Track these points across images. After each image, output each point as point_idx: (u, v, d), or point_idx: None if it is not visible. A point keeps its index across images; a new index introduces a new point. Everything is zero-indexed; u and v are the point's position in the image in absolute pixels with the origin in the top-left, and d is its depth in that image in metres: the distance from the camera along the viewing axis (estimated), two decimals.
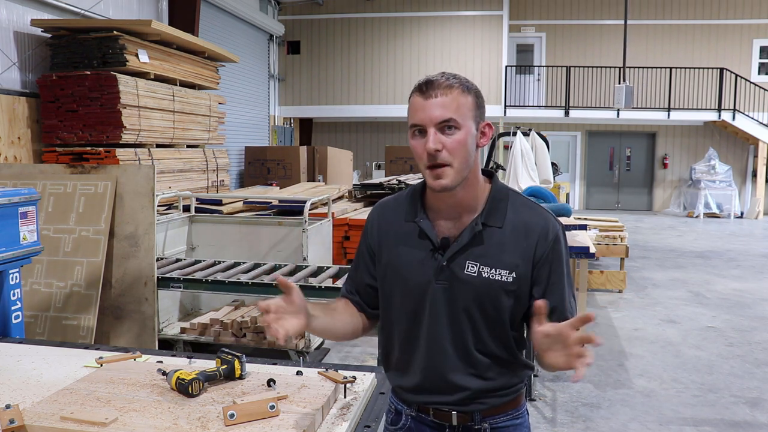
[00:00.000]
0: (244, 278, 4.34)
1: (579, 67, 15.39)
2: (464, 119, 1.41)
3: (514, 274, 1.45)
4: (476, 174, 1.49)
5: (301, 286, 4.14)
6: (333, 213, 5.74)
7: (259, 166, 11.49)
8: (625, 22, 12.00)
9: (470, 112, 1.42)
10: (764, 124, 14.92)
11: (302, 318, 1.38)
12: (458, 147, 1.40)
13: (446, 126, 1.39)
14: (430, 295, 1.49)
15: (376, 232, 1.61)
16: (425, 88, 1.41)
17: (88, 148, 6.15)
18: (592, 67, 15.36)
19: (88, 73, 6.16)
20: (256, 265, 4.71)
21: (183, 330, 4.74)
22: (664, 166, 16.79)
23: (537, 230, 1.47)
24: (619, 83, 12.35)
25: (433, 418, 1.57)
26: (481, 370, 1.51)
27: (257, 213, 5.72)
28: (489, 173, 1.56)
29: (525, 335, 1.61)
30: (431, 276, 1.49)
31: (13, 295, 2.51)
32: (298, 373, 1.73)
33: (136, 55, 6.49)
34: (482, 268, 1.45)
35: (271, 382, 1.59)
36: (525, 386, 1.64)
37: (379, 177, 11.79)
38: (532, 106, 15.87)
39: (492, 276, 1.45)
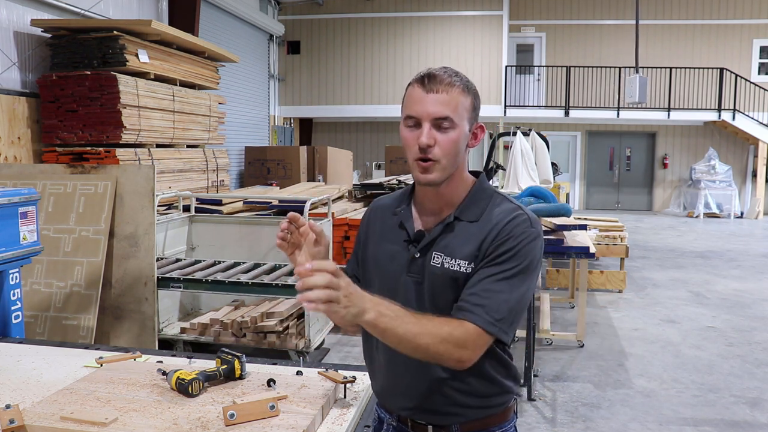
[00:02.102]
0: (244, 278, 4.34)
1: (579, 67, 15.39)
2: (460, 119, 1.41)
3: (472, 264, 1.41)
4: (461, 172, 1.49)
5: None
6: (333, 213, 5.73)
7: (259, 166, 11.49)
8: (637, 21, 11.91)
9: (467, 113, 1.42)
10: (764, 124, 14.92)
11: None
12: (450, 146, 1.40)
13: (442, 123, 1.39)
14: (402, 287, 1.47)
15: (366, 224, 1.63)
16: (427, 80, 1.40)
17: (88, 148, 6.15)
18: (592, 67, 15.36)
19: (88, 73, 6.15)
20: (256, 265, 4.71)
21: (183, 330, 4.74)
22: (664, 166, 16.79)
23: (500, 220, 1.42)
24: (631, 75, 11.56)
25: (412, 430, 1.53)
26: (453, 374, 1.44)
27: (257, 213, 5.72)
28: (478, 174, 1.55)
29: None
30: (403, 268, 1.48)
31: (13, 295, 2.51)
32: (298, 373, 1.73)
33: (136, 55, 6.49)
34: (444, 259, 1.43)
35: (271, 382, 1.59)
36: (513, 402, 1.56)
37: (379, 177, 11.79)
38: (532, 106, 15.86)
39: (452, 266, 1.42)
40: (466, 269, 1.41)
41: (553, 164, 9.07)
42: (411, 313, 1.31)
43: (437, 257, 1.44)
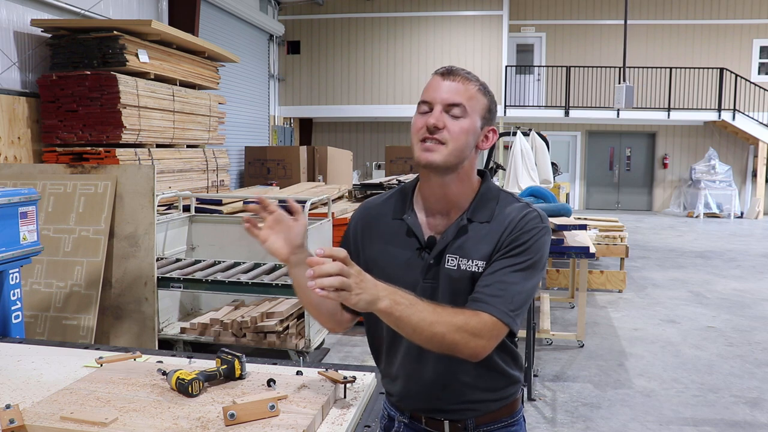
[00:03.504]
0: (244, 278, 4.34)
1: (579, 67, 15.38)
2: (473, 111, 1.42)
3: (485, 264, 1.42)
4: (470, 172, 1.48)
5: None
6: (333, 213, 5.73)
7: (259, 166, 11.49)
8: (625, 22, 12.00)
9: (481, 110, 1.44)
10: (764, 124, 14.92)
11: (288, 249, 1.46)
12: (459, 132, 1.40)
13: (453, 110, 1.40)
14: (419, 294, 1.43)
15: (360, 229, 1.57)
16: (446, 71, 1.44)
17: (88, 148, 6.15)
18: (592, 67, 15.36)
19: (88, 73, 6.15)
20: (256, 265, 4.71)
21: (183, 330, 4.74)
22: (664, 166, 16.79)
23: (513, 217, 1.44)
24: (619, 83, 12.30)
25: (426, 426, 1.55)
26: (468, 372, 1.47)
27: (257, 213, 5.71)
28: (482, 173, 1.55)
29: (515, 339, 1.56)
30: (419, 275, 1.46)
31: (13, 295, 2.50)
32: (298, 373, 1.73)
33: (136, 55, 6.49)
34: (460, 261, 1.43)
35: (271, 382, 1.59)
36: (521, 392, 1.59)
37: (379, 177, 11.79)
38: (532, 106, 15.87)
39: (468, 267, 1.42)
40: (481, 269, 1.42)
41: (553, 164, 9.08)
42: (426, 302, 1.32)
43: (452, 260, 1.44)
